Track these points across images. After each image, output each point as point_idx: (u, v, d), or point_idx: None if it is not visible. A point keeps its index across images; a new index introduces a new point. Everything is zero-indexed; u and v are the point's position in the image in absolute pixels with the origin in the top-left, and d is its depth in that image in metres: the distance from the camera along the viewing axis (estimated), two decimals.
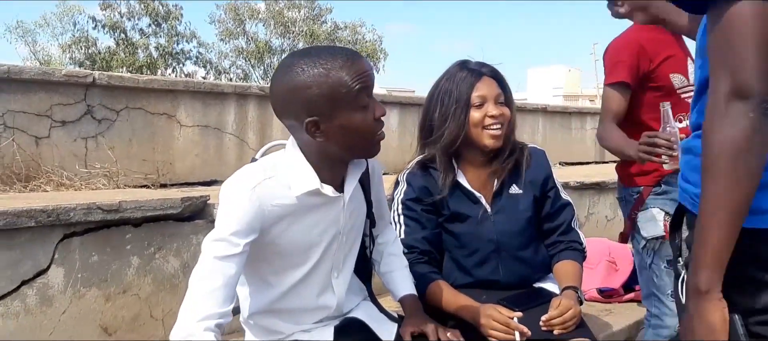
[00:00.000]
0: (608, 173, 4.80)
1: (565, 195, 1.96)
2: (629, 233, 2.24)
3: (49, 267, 1.93)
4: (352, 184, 1.44)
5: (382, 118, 1.37)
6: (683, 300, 1.18)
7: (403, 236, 1.82)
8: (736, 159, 1.01)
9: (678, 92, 2.22)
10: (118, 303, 2.08)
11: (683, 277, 1.23)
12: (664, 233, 2.14)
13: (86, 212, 1.97)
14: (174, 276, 2.20)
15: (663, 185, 2.15)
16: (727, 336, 1.07)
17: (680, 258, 1.24)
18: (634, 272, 2.75)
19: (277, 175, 1.37)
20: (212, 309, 1.25)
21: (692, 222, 1.14)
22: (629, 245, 2.88)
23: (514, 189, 1.89)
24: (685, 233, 1.21)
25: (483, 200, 1.87)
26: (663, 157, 1.90)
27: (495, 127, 1.81)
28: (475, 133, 1.82)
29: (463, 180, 1.87)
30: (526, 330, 1.61)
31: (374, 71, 1.40)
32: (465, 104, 1.81)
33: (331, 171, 1.41)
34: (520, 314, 1.65)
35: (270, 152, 1.49)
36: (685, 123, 2.24)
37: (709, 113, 1.05)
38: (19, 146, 2.78)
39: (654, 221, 2.14)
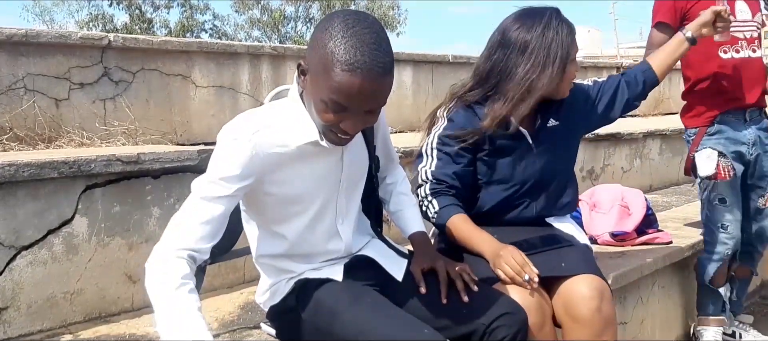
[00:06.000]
0: (624, 125, 4.77)
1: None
2: (689, 170, 2.50)
3: (73, 216, 2.01)
4: None
5: (347, 130, 1.32)
6: None
7: (433, 169, 1.85)
8: None
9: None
10: (142, 252, 2.15)
11: None
12: (714, 172, 2.37)
13: (107, 163, 2.04)
14: None
15: (716, 124, 2.38)
16: None
17: None
18: (646, 216, 2.77)
19: (276, 124, 1.39)
20: (188, 243, 1.26)
21: None
22: (641, 193, 2.90)
23: (552, 122, 1.90)
24: None
25: (527, 135, 1.87)
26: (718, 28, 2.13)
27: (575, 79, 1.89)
28: (561, 85, 1.83)
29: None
30: (535, 278, 1.62)
31: (383, 89, 1.28)
32: (564, 59, 1.79)
33: None
34: (538, 273, 1.64)
35: (280, 96, 1.51)
36: (730, 55, 2.43)
37: None
38: (41, 108, 2.85)
39: (707, 160, 2.38)
